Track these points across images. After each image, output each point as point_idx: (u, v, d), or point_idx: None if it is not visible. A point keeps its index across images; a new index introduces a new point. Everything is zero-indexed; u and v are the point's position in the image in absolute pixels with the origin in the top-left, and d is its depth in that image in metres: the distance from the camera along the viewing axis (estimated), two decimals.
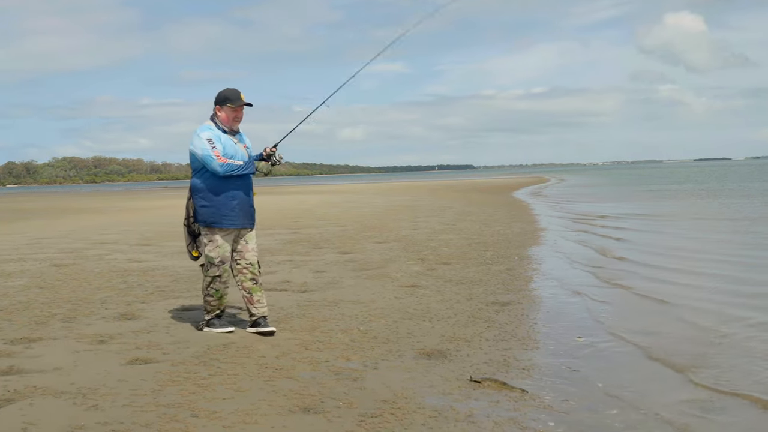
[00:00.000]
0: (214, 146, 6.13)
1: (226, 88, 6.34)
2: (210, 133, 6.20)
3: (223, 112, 6.29)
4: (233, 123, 6.33)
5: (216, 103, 6.32)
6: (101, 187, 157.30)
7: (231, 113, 6.29)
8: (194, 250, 6.53)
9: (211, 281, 6.33)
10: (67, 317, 7.09)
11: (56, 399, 4.58)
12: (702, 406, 4.52)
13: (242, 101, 6.28)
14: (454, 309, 7.41)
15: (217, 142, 6.16)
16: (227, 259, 6.33)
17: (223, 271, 6.32)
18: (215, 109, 6.32)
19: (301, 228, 18.15)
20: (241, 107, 6.30)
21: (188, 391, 4.72)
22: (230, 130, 6.33)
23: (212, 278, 6.31)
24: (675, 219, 19.54)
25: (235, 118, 6.33)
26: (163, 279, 9.63)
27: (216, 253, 6.29)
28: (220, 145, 6.16)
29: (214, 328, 6.38)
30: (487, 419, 4.24)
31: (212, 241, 6.30)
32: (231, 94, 6.28)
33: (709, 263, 10.79)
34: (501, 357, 5.59)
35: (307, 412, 4.34)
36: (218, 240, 6.28)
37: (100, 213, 30.27)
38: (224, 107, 6.27)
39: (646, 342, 6.10)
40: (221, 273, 6.31)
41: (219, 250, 6.28)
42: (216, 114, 6.33)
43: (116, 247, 14.26)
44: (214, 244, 6.29)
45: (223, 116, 6.30)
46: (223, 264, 6.31)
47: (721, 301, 7.81)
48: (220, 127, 6.30)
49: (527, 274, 9.79)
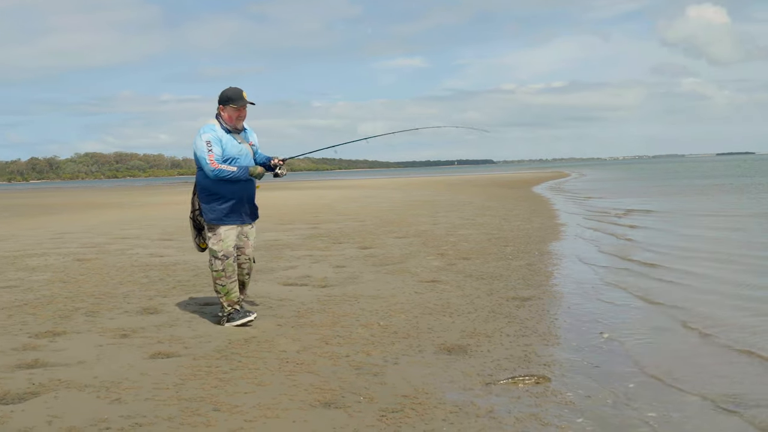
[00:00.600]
0: (211, 149, 6.21)
1: (229, 87, 6.42)
2: (211, 135, 6.28)
3: (226, 111, 6.37)
4: (237, 122, 6.40)
5: (219, 103, 6.39)
6: (122, 182, 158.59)
7: (234, 113, 6.36)
8: (201, 242, 6.68)
9: (217, 277, 6.42)
10: (90, 311, 7.16)
11: (80, 392, 4.63)
12: (727, 403, 4.47)
13: (245, 100, 6.36)
14: (474, 304, 7.39)
15: (215, 144, 6.25)
16: (230, 253, 6.42)
17: (227, 265, 6.40)
18: (219, 108, 6.40)
19: (320, 223, 18.18)
20: (243, 107, 6.38)
21: (210, 385, 4.76)
22: (234, 129, 6.40)
23: (217, 273, 6.40)
24: (698, 215, 19.35)
25: (238, 117, 6.40)
26: (184, 273, 9.69)
27: (219, 247, 6.39)
28: (218, 148, 6.25)
29: (234, 321, 6.44)
30: (509, 415, 4.23)
31: (216, 235, 6.40)
32: (233, 94, 6.35)
33: (728, 265, 10.67)
34: (522, 352, 5.57)
35: (328, 407, 4.35)
36: (221, 234, 6.38)
37: (122, 208, 30.52)
38: (227, 107, 6.35)
39: (666, 339, 6.06)
40: (225, 267, 6.38)
41: (222, 244, 6.38)
42: (220, 113, 6.41)
43: (138, 241, 14.37)
44: (218, 238, 6.39)
45: (226, 116, 6.38)
46: (227, 258, 6.39)
47: (737, 300, 7.73)
48: (224, 126, 6.38)
49: (548, 270, 9.75)
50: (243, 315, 6.47)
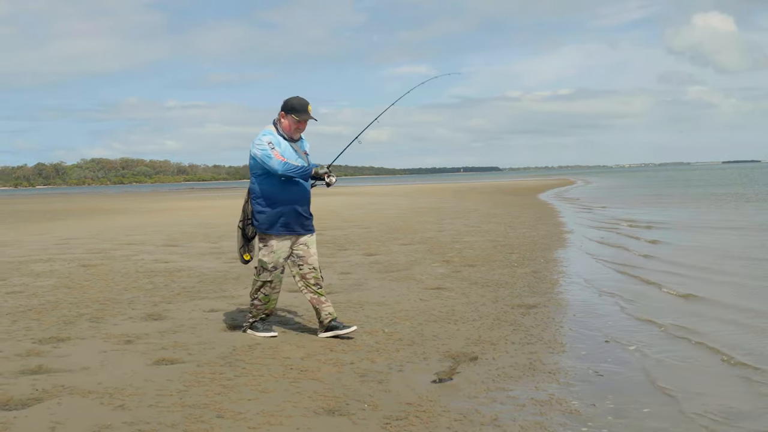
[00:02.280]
0: (274, 148, 6.02)
1: (296, 97, 6.19)
2: (271, 137, 6.10)
3: (286, 120, 6.17)
4: (294, 133, 6.22)
5: (282, 109, 6.18)
6: (129, 188, 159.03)
7: (294, 123, 6.17)
8: (246, 253, 6.43)
9: (261, 286, 6.23)
10: (94, 317, 7.16)
11: (83, 398, 4.62)
12: (731, 412, 4.44)
13: (308, 115, 6.17)
14: (479, 312, 7.37)
15: (277, 146, 6.06)
16: (280, 265, 6.23)
17: (275, 277, 6.22)
18: (280, 114, 6.20)
19: (326, 229, 18.17)
20: (305, 121, 6.20)
21: (214, 391, 4.74)
22: (290, 138, 6.22)
23: (263, 283, 6.22)
24: (700, 225, 19.30)
25: (297, 129, 6.22)
26: (189, 280, 9.69)
27: (269, 259, 6.20)
28: (279, 149, 6.07)
29: (257, 331, 6.30)
30: (513, 423, 4.20)
31: (267, 246, 6.21)
32: (298, 105, 6.14)
33: (732, 277, 10.62)
34: (527, 360, 5.55)
35: (332, 414, 4.33)
36: (273, 245, 6.19)
37: (128, 214, 30.56)
38: (288, 116, 6.15)
39: (671, 348, 6.03)
40: (273, 279, 6.22)
41: (273, 255, 6.19)
42: (279, 120, 6.21)
43: (143, 247, 14.38)
44: (269, 249, 6.20)
45: (285, 124, 6.18)
46: (276, 270, 6.21)
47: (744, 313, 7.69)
48: (281, 133, 6.20)
49: (553, 277, 9.72)
50: (266, 329, 6.31)
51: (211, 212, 28.86)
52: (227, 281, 9.53)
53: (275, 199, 6.11)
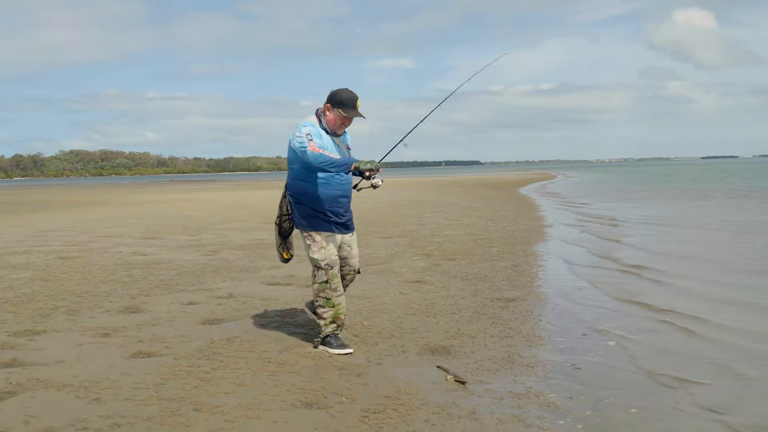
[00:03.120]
0: (311, 139, 5.48)
1: (345, 90, 5.65)
2: (311, 129, 5.56)
3: (332, 113, 5.63)
4: (338, 129, 5.70)
5: (328, 101, 5.65)
6: (108, 180, 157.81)
7: (340, 119, 5.63)
8: (285, 252, 6.00)
9: (320, 290, 5.62)
10: (71, 310, 7.09)
11: (58, 392, 4.57)
12: (704, 405, 4.48)
13: (357, 112, 5.64)
14: (458, 305, 7.38)
15: (316, 137, 5.52)
16: (335, 262, 5.62)
17: (332, 276, 5.59)
18: (325, 106, 5.67)
19: None
20: (351, 118, 5.68)
21: (191, 385, 4.71)
22: (333, 132, 5.70)
23: (320, 285, 5.61)
24: (677, 221, 19.47)
25: (341, 125, 5.69)
26: (167, 272, 9.63)
27: (321, 255, 5.61)
28: (319, 140, 5.53)
29: (330, 348, 5.61)
30: (491, 416, 4.21)
31: (314, 243, 5.65)
32: (347, 99, 5.59)
33: (710, 264, 10.73)
34: (505, 354, 5.56)
35: (310, 407, 4.32)
36: (321, 241, 5.64)
37: (106, 206, 30.32)
38: (335, 110, 5.61)
39: (649, 339, 6.07)
40: (329, 278, 5.58)
41: (324, 251, 5.62)
42: (324, 111, 5.68)
43: (121, 240, 14.27)
44: (318, 245, 5.64)
45: (330, 118, 5.64)
46: (331, 268, 5.59)
47: (719, 303, 7.76)
48: (324, 126, 5.68)
49: (532, 271, 9.76)
50: (341, 345, 5.62)
51: (191, 205, 28.70)
52: (206, 274, 9.48)
53: (313, 196, 5.63)
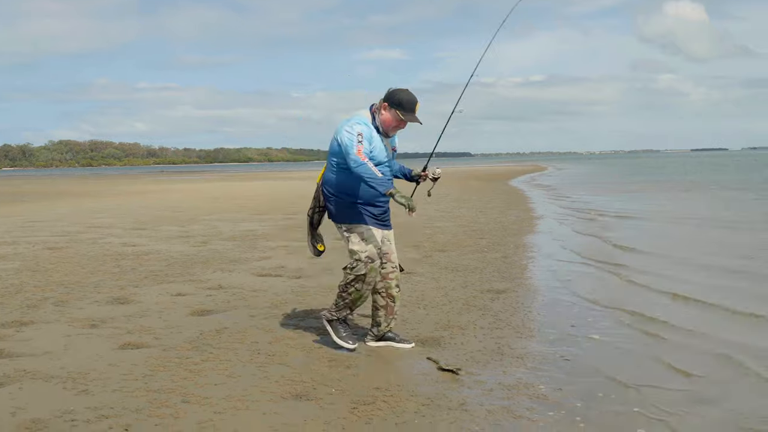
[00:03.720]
0: (361, 141, 5.16)
1: (406, 91, 5.31)
2: (364, 128, 5.24)
3: (389, 113, 5.30)
4: (391, 130, 5.38)
5: (386, 100, 5.31)
6: (97, 170, 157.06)
7: (395, 121, 5.30)
8: (319, 243, 5.67)
9: (354, 279, 5.32)
10: (59, 301, 7.05)
11: (46, 383, 4.55)
12: (693, 396, 4.49)
13: (414, 117, 5.31)
14: (449, 296, 7.38)
15: (366, 141, 5.21)
16: (375, 256, 5.32)
17: (371, 269, 5.29)
18: (382, 105, 5.32)
19: (296, 213, 18.09)
20: (404, 122, 5.34)
21: (180, 376, 4.69)
22: (384, 133, 5.38)
23: (356, 277, 5.31)
24: (664, 210, 19.53)
25: (396, 127, 5.37)
26: (157, 263, 9.59)
27: (360, 247, 5.31)
28: (368, 144, 5.22)
29: (337, 335, 5.43)
30: (480, 407, 4.21)
31: (355, 234, 5.36)
32: (407, 103, 5.26)
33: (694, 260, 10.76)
34: (495, 345, 5.56)
35: (300, 399, 4.31)
36: (363, 232, 5.34)
37: (96, 196, 30.17)
38: (392, 110, 5.27)
39: (639, 330, 6.09)
40: (368, 272, 5.28)
41: (363, 244, 5.32)
42: (380, 110, 5.34)
43: (110, 230, 14.21)
44: (359, 236, 5.34)
45: (386, 117, 5.31)
46: (372, 262, 5.29)
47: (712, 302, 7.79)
48: (377, 124, 5.34)
49: (522, 262, 9.76)
50: (347, 338, 5.42)
51: (181, 196, 28.60)
52: (195, 265, 9.44)
53: (353, 191, 5.34)
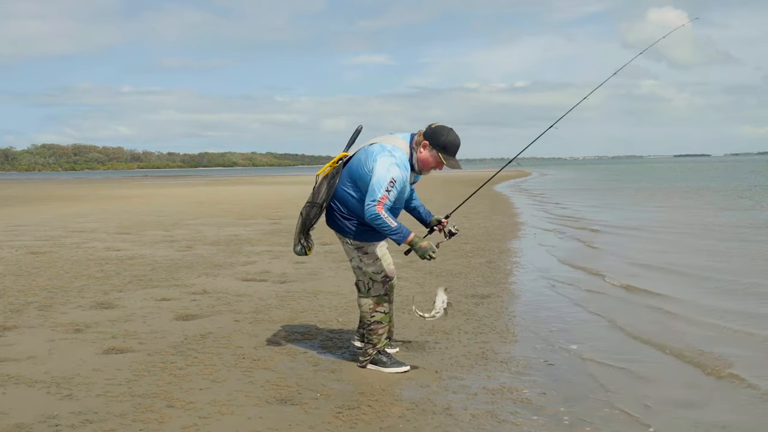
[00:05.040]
0: (390, 190, 4.73)
1: (452, 132, 4.90)
2: (400, 174, 4.77)
3: (429, 153, 4.90)
4: (425, 171, 5.00)
5: (427, 138, 4.89)
6: (81, 174, 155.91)
7: (434, 162, 4.93)
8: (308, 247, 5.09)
9: (378, 303, 5.08)
10: (43, 305, 7.02)
11: (30, 388, 4.53)
12: (677, 401, 4.54)
13: (457, 163, 4.98)
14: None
15: (399, 185, 4.78)
16: (392, 272, 5.13)
17: (391, 287, 5.16)
18: (423, 142, 4.89)
19: (281, 218, 18.07)
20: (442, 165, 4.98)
21: (164, 381, 4.69)
22: (418, 171, 5.02)
23: (378, 298, 5.08)
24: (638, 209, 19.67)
25: (434, 169, 5.02)
26: (141, 268, 9.55)
27: (376, 268, 5.06)
28: (396, 193, 4.78)
29: (383, 366, 5.06)
30: (465, 412, 4.24)
31: (367, 255, 5.06)
32: (451, 147, 4.89)
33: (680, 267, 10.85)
34: (479, 350, 5.59)
35: (284, 404, 4.32)
36: (375, 252, 5.07)
37: (79, 201, 29.98)
38: (434, 151, 4.88)
39: (621, 335, 6.14)
40: (387, 292, 5.12)
41: (379, 263, 5.07)
42: (419, 147, 4.91)
43: (94, 235, 14.14)
44: (372, 257, 5.06)
45: (425, 157, 4.91)
46: (390, 280, 5.12)
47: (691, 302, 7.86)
48: (413, 162, 4.94)
49: (507, 267, 9.81)
50: (396, 363, 5.09)
51: (165, 200, 28.47)
52: (180, 269, 9.42)
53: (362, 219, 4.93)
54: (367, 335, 5.11)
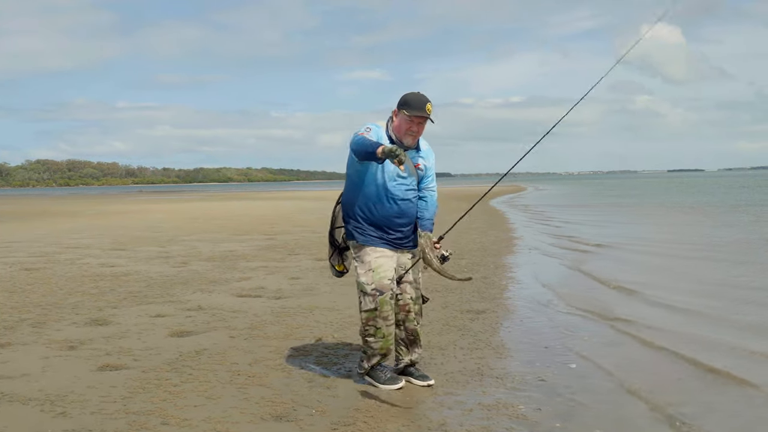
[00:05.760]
0: (369, 131, 4.81)
1: (415, 92, 4.89)
2: (374, 128, 4.89)
3: (398, 118, 4.89)
4: (404, 136, 4.88)
5: (396, 106, 4.93)
6: (75, 190, 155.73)
7: (405, 123, 4.85)
8: (338, 264, 5.22)
9: (369, 318, 4.87)
10: (37, 322, 7.00)
11: (24, 406, 4.51)
12: (672, 416, 4.54)
13: (422, 112, 4.79)
14: (428, 317, 7.38)
15: (374, 134, 4.83)
16: (385, 288, 4.82)
17: (382, 303, 4.82)
18: (393, 112, 4.95)
19: (276, 234, 18.07)
20: (418, 120, 4.84)
21: (159, 398, 4.67)
22: (399, 142, 4.90)
23: (368, 313, 4.87)
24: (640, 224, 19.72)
25: (408, 131, 4.87)
26: (136, 284, 9.53)
27: (368, 279, 4.84)
28: (374, 136, 4.81)
29: (378, 381, 4.98)
30: (461, 428, 4.23)
31: (363, 263, 4.90)
32: (412, 99, 4.83)
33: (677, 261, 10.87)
34: (475, 365, 5.59)
35: (280, 420, 4.30)
36: (371, 261, 4.86)
37: (74, 217, 29.92)
38: (401, 112, 4.86)
39: (617, 351, 6.14)
40: (378, 306, 4.82)
41: (373, 275, 4.83)
42: (392, 118, 4.97)
43: (89, 251, 14.11)
44: (366, 266, 4.87)
45: (397, 123, 4.90)
46: (381, 294, 4.82)
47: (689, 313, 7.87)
48: (390, 134, 4.93)
49: (502, 283, 9.81)
50: (391, 380, 4.98)
51: (160, 216, 28.44)
52: (175, 286, 9.40)
53: (364, 212, 4.94)
54: (363, 347, 5.05)
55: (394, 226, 4.96)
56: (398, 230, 4.99)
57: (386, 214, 4.91)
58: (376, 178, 4.89)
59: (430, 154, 5.15)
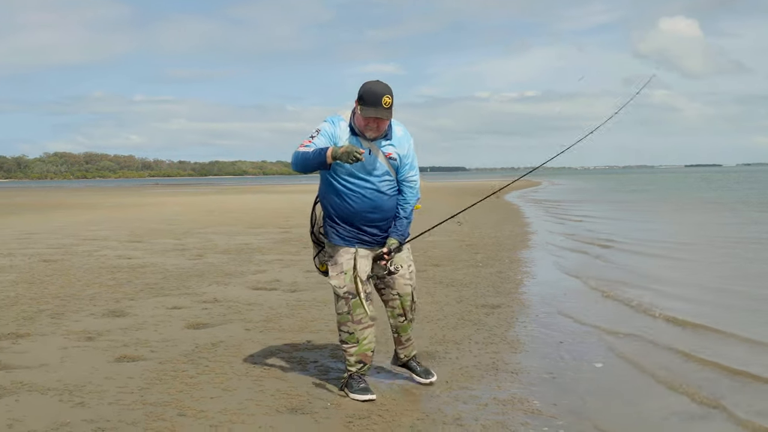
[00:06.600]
0: (314, 137, 4.51)
1: (372, 82, 4.50)
2: (327, 126, 4.58)
3: (358, 112, 4.52)
4: (366, 131, 4.52)
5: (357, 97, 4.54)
6: (92, 182, 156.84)
7: (361, 120, 4.50)
8: (321, 264, 4.89)
9: (341, 321, 4.64)
10: (55, 313, 7.06)
11: (42, 395, 4.56)
12: (681, 412, 4.53)
13: (377, 112, 4.40)
14: (443, 311, 7.41)
15: (324, 136, 4.52)
16: (354, 291, 4.54)
17: (354, 306, 4.56)
18: (356, 102, 4.55)
19: (292, 227, 18.11)
20: (375, 119, 4.46)
21: (175, 389, 4.71)
22: (361, 134, 4.56)
23: (341, 316, 4.63)
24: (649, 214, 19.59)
25: (366, 127, 4.51)
26: (152, 276, 9.60)
27: (339, 282, 4.60)
28: (325, 139, 4.50)
29: (350, 390, 4.63)
30: (476, 422, 4.23)
31: (335, 265, 4.64)
32: (367, 94, 4.42)
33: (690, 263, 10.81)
34: (490, 360, 5.59)
35: (295, 413, 4.33)
36: (342, 263, 4.60)
37: (91, 209, 30.14)
38: (360, 106, 4.49)
39: (632, 347, 6.12)
40: (350, 309, 4.57)
41: (344, 277, 4.58)
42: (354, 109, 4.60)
43: (106, 243, 14.22)
44: (338, 269, 4.61)
45: (357, 115, 4.53)
46: (353, 297, 4.55)
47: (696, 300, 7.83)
48: (353, 124, 4.58)
49: (517, 277, 9.79)
50: (361, 390, 4.60)
51: (176, 208, 28.58)
52: (191, 278, 9.46)
53: (335, 209, 4.67)
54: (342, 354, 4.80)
55: (368, 222, 4.65)
56: (373, 226, 4.68)
57: (358, 210, 4.60)
58: (345, 174, 4.57)
59: (405, 141, 4.70)
